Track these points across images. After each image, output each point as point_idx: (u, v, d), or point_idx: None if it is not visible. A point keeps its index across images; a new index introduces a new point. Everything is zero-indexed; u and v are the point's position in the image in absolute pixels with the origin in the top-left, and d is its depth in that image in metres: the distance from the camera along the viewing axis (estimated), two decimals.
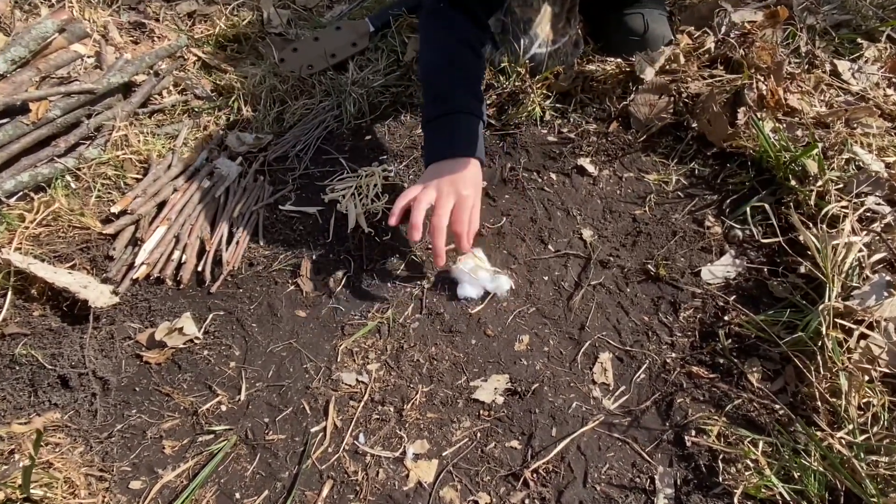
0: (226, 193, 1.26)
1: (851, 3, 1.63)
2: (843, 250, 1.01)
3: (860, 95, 1.40)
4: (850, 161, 1.21)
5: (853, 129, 1.29)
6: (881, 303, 0.94)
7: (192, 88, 1.46)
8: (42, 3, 1.65)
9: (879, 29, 1.55)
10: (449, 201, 1.05)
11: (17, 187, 1.18)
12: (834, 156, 1.23)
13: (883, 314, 0.92)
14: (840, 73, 1.45)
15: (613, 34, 1.51)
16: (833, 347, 0.91)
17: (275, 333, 1.08)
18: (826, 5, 1.62)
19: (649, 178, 1.32)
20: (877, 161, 1.20)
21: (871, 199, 1.13)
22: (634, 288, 1.14)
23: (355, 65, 1.56)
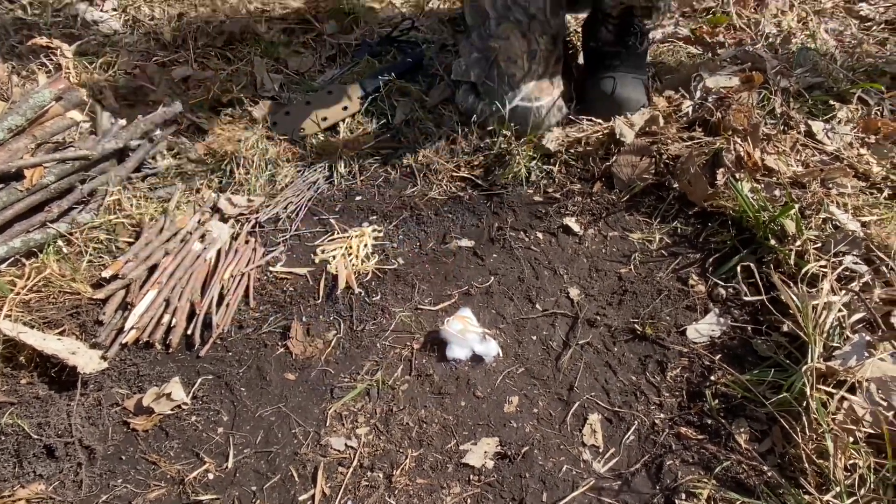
0: (217, 256, 1.26)
1: (823, 67, 1.68)
2: (824, 310, 1.02)
3: (834, 155, 1.42)
4: (826, 220, 1.23)
5: (829, 189, 1.31)
6: (862, 363, 0.94)
7: (185, 152, 1.49)
8: (39, 70, 1.69)
9: (850, 91, 1.59)
10: None
11: (9, 253, 1.19)
12: (811, 215, 1.24)
13: (864, 375, 0.93)
14: (814, 133, 1.48)
15: (588, 96, 1.57)
16: (817, 408, 0.91)
17: (263, 397, 1.07)
18: (798, 69, 1.67)
19: (633, 237, 1.34)
20: (853, 220, 1.22)
21: (848, 258, 1.13)
22: (622, 347, 1.14)
23: (346, 128, 1.59)
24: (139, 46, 1.84)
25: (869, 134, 1.50)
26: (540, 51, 1.47)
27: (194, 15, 1.94)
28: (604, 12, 1.53)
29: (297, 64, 1.81)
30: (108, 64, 1.76)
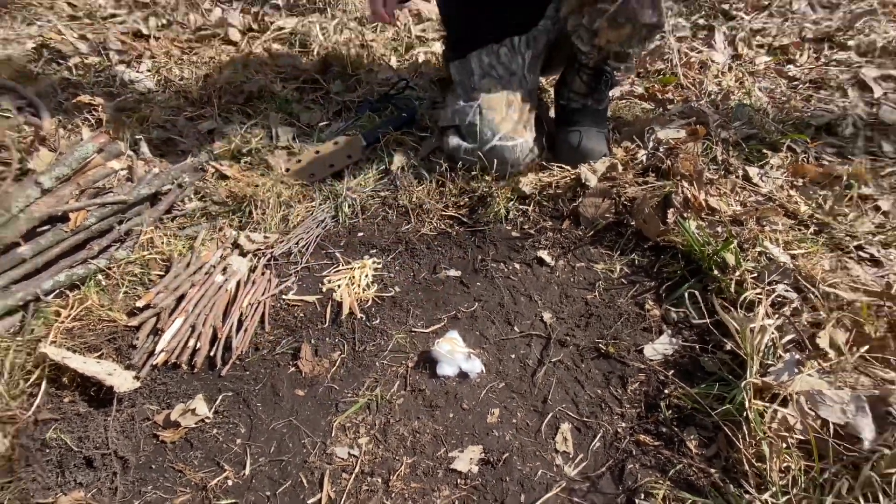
0: (237, 286, 1.25)
1: (757, 120, 1.70)
2: (760, 332, 1.02)
3: (768, 197, 1.43)
4: (761, 253, 1.23)
5: (763, 226, 1.32)
6: (793, 378, 0.94)
7: (210, 196, 1.48)
8: (83, 123, 1.69)
9: (780, 141, 1.61)
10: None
11: (55, 286, 1.18)
12: (748, 249, 1.25)
13: (795, 389, 0.93)
14: (751, 177, 1.49)
15: (558, 146, 1.59)
16: (755, 418, 0.91)
17: (276, 412, 1.06)
18: (736, 122, 1.69)
19: (597, 267, 1.34)
20: (784, 254, 1.22)
21: (780, 286, 1.14)
22: (588, 364, 1.14)
23: (350, 173, 1.60)
24: (170, 103, 1.84)
25: (797, 178, 1.51)
26: (517, 101, 1.49)
27: (218, 76, 1.94)
28: (580, 63, 1.53)
29: (307, 118, 1.82)
30: (143, 118, 1.76)
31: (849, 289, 1.13)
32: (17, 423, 0.99)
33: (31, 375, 1.06)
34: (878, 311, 1.08)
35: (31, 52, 2.07)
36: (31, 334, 1.12)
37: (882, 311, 1.07)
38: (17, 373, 1.06)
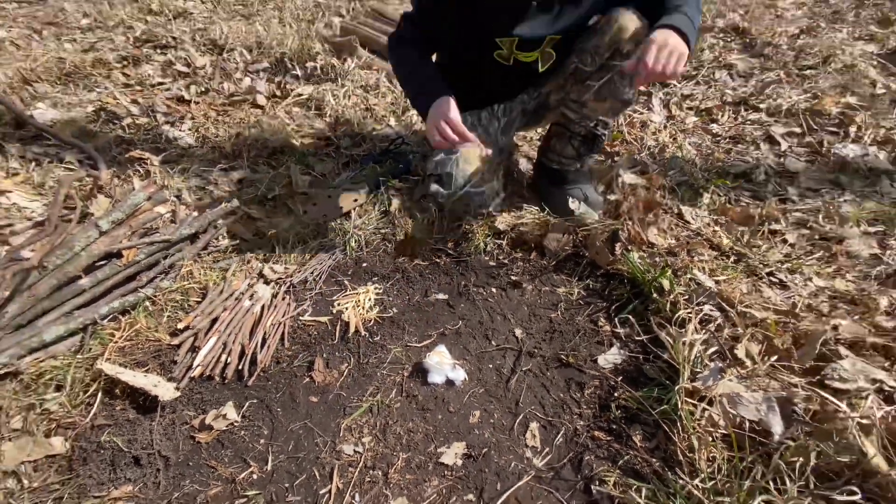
0: (261, 309, 1.25)
1: (687, 169, 1.74)
2: (689, 345, 1.04)
3: (697, 232, 1.46)
4: (691, 279, 1.24)
5: (692, 257, 1.34)
6: (717, 383, 0.96)
7: (240, 234, 1.48)
8: (134, 174, 1.69)
9: (707, 186, 1.65)
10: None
11: (110, 312, 1.18)
12: (681, 275, 1.26)
13: (718, 392, 0.95)
14: (683, 215, 1.52)
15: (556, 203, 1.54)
16: (687, 416, 0.93)
17: (294, 416, 1.05)
18: (671, 170, 1.72)
19: (559, 290, 1.35)
20: (709, 280, 1.24)
21: (706, 307, 1.15)
22: (553, 372, 1.14)
23: (356, 214, 1.59)
24: (207, 156, 1.84)
25: (720, 217, 1.54)
26: (488, 157, 1.45)
27: (248, 134, 1.95)
28: (572, 131, 1.50)
29: (321, 168, 1.82)
30: (184, 169, 1.76)
31: (761, 308, 1.15)
32: (77, 429, 0.99)
33: (90, 388, 1.05)
34: (784, 327, 1.10)
35: (91, 114, 2.06)
36: (90, 352, 1.12)
37: (788, 326, 1.10)
38: (78, 385, 1.05)
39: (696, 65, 2.52)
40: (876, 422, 0.86)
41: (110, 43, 2.74)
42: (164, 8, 3.25)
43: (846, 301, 1.22)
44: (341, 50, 2.38)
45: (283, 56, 2.44)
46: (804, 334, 1.06)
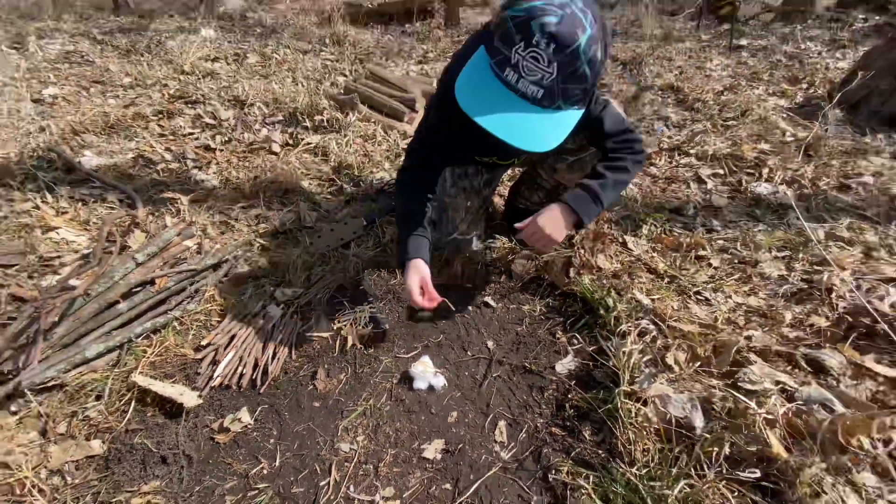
0: (272, 327, 1.26)
1: (630, 205, 1.78)
2: (628, 354, 1.07)
3: (637, 258, 1.49)
4: (632, 298, 1.28)
5: (633, 279, 1.37)
6: (650, 386, 0.99)
7: (255, 263, 1.50)
8: (166, 212, 1.71)
9: (645, 219, 1.69)
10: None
11: (143, 331, 1.19)
12: (623, 294, 1.29)
13: (651, 393, 0.98)
14: (627, 244, 1.55)
15: None
16: (626, 414, 0.96)
17: (299, 418, 1.06)
18: (617, 206, 1.77)
19: (525, 308, 1.37)
20: (646, 298, 1.28)
21: (643, 321, 1.19)
22: (518, 378, 1.16)
23: (355, 244, 1.61)
24: (229, 196, 1.85)
25: (657, 244, 1.57)
26: (473, 207, 1.46)
27: (264, 177, 1.96)
28: (539, 185, 1.48)
29: (326, 206, 1.84)
30: (209, 207, 1.77)
31: (688, 322, 1.20)
32: (113, 433, 0.99)
33: (125, 397, 1.06)
34: (706, 338, 1.14)
35: (131, 160, 2.07)
36: (125, 366, 1.12)
37: (709, 337, 1.14)
38: (114, 395, 1.06)
39: (639, 117, 2.62)
40: (778, 417, 0.91)
41: (148, 99, 2.78)
42: (195, 69, 3.31)
43: (758, 315, 1.27)
44: (344, 105, 2.44)
45: (296, 110, 2.48)
46: (722, 344, 1.10)
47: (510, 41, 0.83)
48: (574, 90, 0.87)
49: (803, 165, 2.06)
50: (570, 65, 0.83)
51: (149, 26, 4.71)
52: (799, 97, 2.99)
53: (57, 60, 3.63)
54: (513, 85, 0.87)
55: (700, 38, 4.58)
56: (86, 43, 4.21)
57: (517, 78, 0.85)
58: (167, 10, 5.83)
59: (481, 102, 0.88)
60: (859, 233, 1.63)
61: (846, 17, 5.00)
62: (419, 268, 1.16)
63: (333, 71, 3.37)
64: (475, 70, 0.91)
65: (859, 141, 2.37)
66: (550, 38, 0.80)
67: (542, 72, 0.83)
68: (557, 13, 0.80)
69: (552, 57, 0.81)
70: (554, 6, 0.81)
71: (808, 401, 0.95)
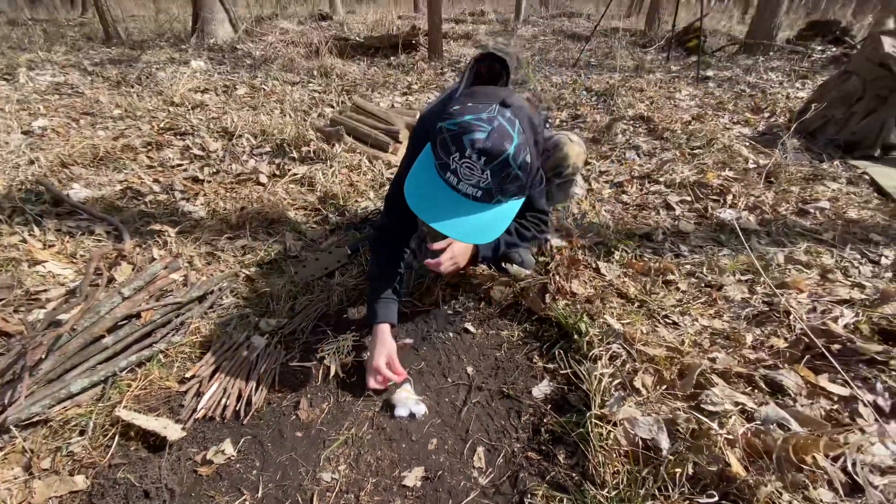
0: (256, 358, 1.26)
1: (603, 232, 1.84)
2: (599, 378, 1.11)
3: (609, 283, 1.53)
4: (604, 323, 1.30)
5: (605, 304, 1.41)
6: (619, 409, 1.02)
7: (240, 294, 1.51)
8: (153, 244, 1.72)
9: (617, 245, 1.74)
10: None
11: (128, 365, 1.18)
12: (596, 319, 1.32)
13: (620, 416, 1.01)
14: (599, 269, 1.60)
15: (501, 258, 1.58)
16: (597, 438, 0.98)
17: (282, 449, 1.06)
18: (589, 234, 1.82)
19: (503, 333, 1.39)
20: (617, 323, 1.31)
21: (614, 345, 1.21)
22: (496, 403, 1.18)
23: (339, 273, 1.63)
24: (216, 227, 1.87)
25: (628, 269, 1.62)
26: None
27: (251, 207, 1.99)
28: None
29: (311, 235, 1.86)
30: (196, 238, 1.78)
31: (656, 346, 1.24)
32: (97, 468, 0.99)
33: (109, 432, 1.05)
34: (672, 361, 1.19)
35: (119, 192, 2.08)
36: (109, 401, 1.12)
37: (675, 360, 1.19)
38: (98, 430, 1.05)
39: (612, 146, 2.73)
40: (738, 437, 0.95)
41: (137, 130, 2.81)
42: (184, 100, 3.36)
43: (722, 337, 1.33)
44: (330, 137, 2.50)
45: (283, 141, 2.53)
46: (687, 367, 1.15)
47: (447, 151, 0.93)
48: (510, 188, 0.97)
49: (764, 192, 2.16)
50: (501, 171, 0.92)
51: (139, 57, 4.77)
52: (761, 126, 3.15)
53: (47, 91, 3.66)
54: (454, 186, 0.97)
55: (670, 69, 4.80)
56: (76, 74, 4.25)
57: (457, 181, 0.95)
58: (158, 41, 5.92)
59: (428, 202, 0.98)
60: (816, 256, 1.72)
61: (805, 48, 5.31)
62: (386, 342, 1.20)
63: (321, 102, 3.45)
64: (422, 170, 1.01)
65: (817, 167, 2.51)
66: (480, 153, 0.90)
67: (477, 177, 0.93)
68: (485, 128, 0.90)
69: (484, 167, 0.91)
70: (482, 121, 0.90)
71: (766, 420, 1.00)
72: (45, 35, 6.12)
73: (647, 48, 5.84)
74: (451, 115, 0.94)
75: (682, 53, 5.50)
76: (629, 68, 4.85)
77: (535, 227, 1.40)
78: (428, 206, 0.98)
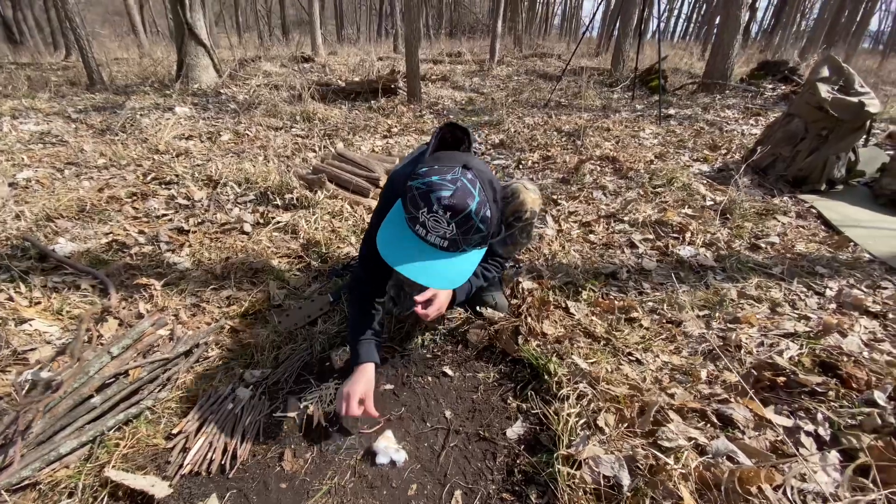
0: (241, 410, 1.30)
1: (572, 272, 1.94)
2: (566, 418, 1.18)
3: (578, 321, 1.62)
4: (572, 363, 1.38)
5: (573, 344, 1.49)
6: (584, 448, 1.09)
7: (225, 346, 1.54)
8: (139, 298, 1.76)
9: (585, 285, 1.84)
10: None
11: (116, 423, 1.20)
12: (565, 359, 1.40)
13: (585, 455, 1.07)
14: (569, 309, 1.68)
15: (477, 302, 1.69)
16: (563, 477, 1.05)
17: (267, 501, 1.09)
18: (559, 273, 1.92)
19: (479, 375, 1.45)
20: (584, 362, 1.39)
21: (581, 385, 1.28)
22: (473, 446, 1.23)
23: (321, 321, 1.68)
24: (201, 278, 1.90)
25: (595, 308, 1.72)
26: None
27: (236, 258, 2.03)
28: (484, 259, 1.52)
29: (294, 282, 1.90)
30: (182, 290, 1.81)
31: (618, 384, 1.33)
32: None
33: (98, 493, 1.07)
34: (633, 399, 1.28)
35: (105, 245, 2.10)
36: (98, 461, 1.13)
37: (635, 399, 1.28)
38: (87, 492, 1.07)
39: (580, 186, 2.90)
40: (691, 471, 1.03)
41: (122, 180, 2.87)
42: (169, 148, 3.45)
43: (681, 372, 1.43)
44: (313, 184, 2.61)
45: (267, 189, 2.62)
46: (646, 404, 1.25)
47: (416, 206, 1.04)
48: (473, 238, 1.09)
49: (720, 228, 2.33)
50: (465, 223, 1.04)
51: (124, 104, 4.86)
52: (718, 162, 3.38)
53: (31, 141, 3.70)
54: (423, 237, 1.08)
55: (635, 108, 5.11)
56: (60, 122, 4.31)
57: (425, 232, 1.07)
58: (142, 86, 6.05)
59: (400, 252, 1.09)
60: (766, 290, 1.86)
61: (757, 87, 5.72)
62: (367, 379, 1.25)
63: (304, 147, 3.58)
64: (393, 224, 1.14)
65: (769, 202, 2.71)
66: (446, 208, 1.01)
67: (444, 229, 1.04)
68: (450, 187, 1.03)
69: (450, 220, 1.02)
70: (447, 181, 1.04)
71: (716, 453, 1.09)
72: (28, 81, 6.19)
73: (614, 87, 6.21)
74: (420, 176, 1.06)
75: (646, 92, 5.87)
76: (597, 107, 5.15)
77: (495, 269, 1.56)
78: (400, 256, 1.08)
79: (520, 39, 12.37)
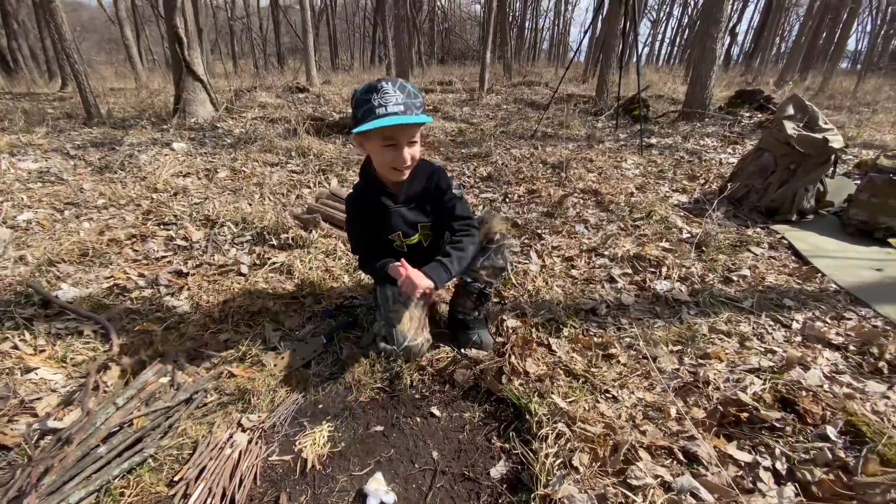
0: (239, 455, 1.35)
1: (554, 309, 2.03)
2: (543, 458, 1.26)
3: (559, 358, 1.71)
4: (551, 402, 1.45)
5: (553, 383, 1.57)
6: (560, 488, 1.18)
7: (223, 391, 1.60)
8: (140, 345, 1.84)
9: (566, 321, 1.93)
10: None
11: (121, 472, 1.26)
12: (545, 398, 1.48)
13: (560, 495, 1.15)
14: (551, 346, 1.77)
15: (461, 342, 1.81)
16: None
17: None
18: (542, 310, 2.02)
19: (465, 415, 1.51)
20: (563, 401, 1.46)
21: (560, 424, 1.36)
22: (459, 486, 1.29)
23: (315, 363, 1.74)
24: (200, 322, 1.97)
25: (576, 345, 1.80)
26: (416, 316, 1.62)
27: (233, 302, 2.10)
28: (468, 290, 1.77)
29: (289, 323, 1.97)
30: (181, 334, 1.88)
31: (594, 423, 1.43)
32: None
33: None
34: (607, 438, 1.37)
35: (105, 289, 2.18)
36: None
37: (608, 438, 1.37)
38: None
39: (564, 220, 3.04)
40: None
41: (122, 221, 2.97)
42: (167, 186, 3.56)
43: (654, 409, 1.52)
44: (308, 223, 2.72)
45: (263, 229, 2.72)
46: (617, 443, 1.34)
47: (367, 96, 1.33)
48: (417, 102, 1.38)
49: (695, 262, 2.45)
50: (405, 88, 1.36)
51: (122, 140, 4.99)
52: (697, 192, 3.54)
53: (30, 179, 3.79)
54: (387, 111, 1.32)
55: (618, 137, 5.32)
56: (58, 158, 4.42)
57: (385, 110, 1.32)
58: (139, 119, 6.20)
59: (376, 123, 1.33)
60: (735, 325, 1.97)
61: (735, 115, 5.98)
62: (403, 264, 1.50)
63: (299, 184, 3.70)
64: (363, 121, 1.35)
65: (743, 233, 2.85)
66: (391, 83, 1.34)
67: (396, 96, 1.33)
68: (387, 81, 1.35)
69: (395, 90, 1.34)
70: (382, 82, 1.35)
71: (681, 490, 1.18)
72: (24, 116, 6.32)
73: (598, 116, 6.46)
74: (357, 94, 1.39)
75: (629, 121, 6.10)
76: (582, 137, 5.36)
77: (465, 234, 1.64)
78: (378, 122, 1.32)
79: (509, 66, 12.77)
